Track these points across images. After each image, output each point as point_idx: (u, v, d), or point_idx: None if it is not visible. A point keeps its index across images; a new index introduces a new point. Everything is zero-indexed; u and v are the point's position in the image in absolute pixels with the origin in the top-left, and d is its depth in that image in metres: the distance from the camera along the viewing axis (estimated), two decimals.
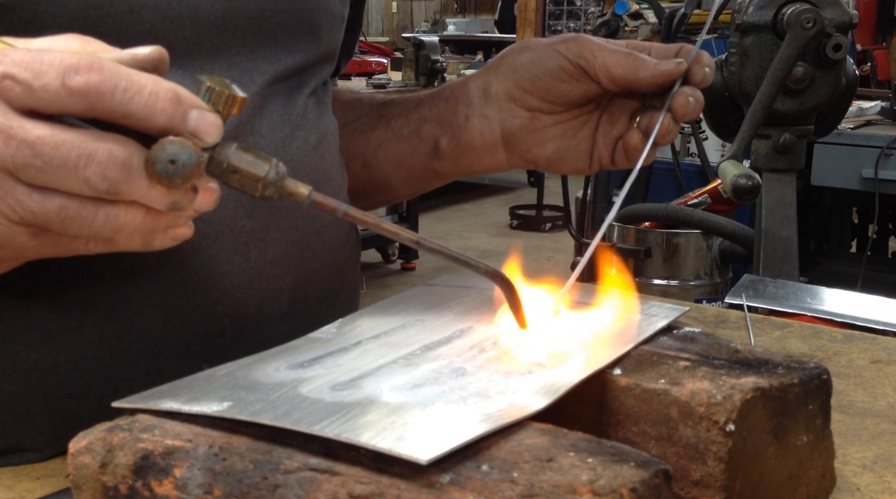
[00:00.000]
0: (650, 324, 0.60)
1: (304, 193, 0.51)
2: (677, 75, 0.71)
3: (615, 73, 0.73)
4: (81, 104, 0.45)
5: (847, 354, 0.85)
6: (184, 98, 0.47)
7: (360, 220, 0.54)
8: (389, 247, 5.21)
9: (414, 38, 5.49)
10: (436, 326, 0.62)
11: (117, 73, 0.46)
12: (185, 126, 0.47)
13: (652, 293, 2.60)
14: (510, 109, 0.80)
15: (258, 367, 0.56)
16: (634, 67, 0.72)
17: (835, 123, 2.03)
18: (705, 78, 0.72)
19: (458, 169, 0.86)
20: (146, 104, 0.46)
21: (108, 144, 0.46)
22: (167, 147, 0.47)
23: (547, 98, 0.78)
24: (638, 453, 0.43)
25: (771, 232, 1.84)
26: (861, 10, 4.50)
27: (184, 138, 0.47)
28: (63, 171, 0.46)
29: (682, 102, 0.71)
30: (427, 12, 10.56)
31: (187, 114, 0.47)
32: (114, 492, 0.48)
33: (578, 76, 0.75)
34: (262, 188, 0.50)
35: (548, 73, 0.76)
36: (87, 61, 0.45)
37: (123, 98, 0.46)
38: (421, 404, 0.48)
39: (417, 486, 0.42)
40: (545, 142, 0.80)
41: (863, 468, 0.62)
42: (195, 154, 0.47)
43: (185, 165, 0.47)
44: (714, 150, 3.41)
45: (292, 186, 0.51)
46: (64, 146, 0.46)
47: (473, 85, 0.82)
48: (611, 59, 0.73)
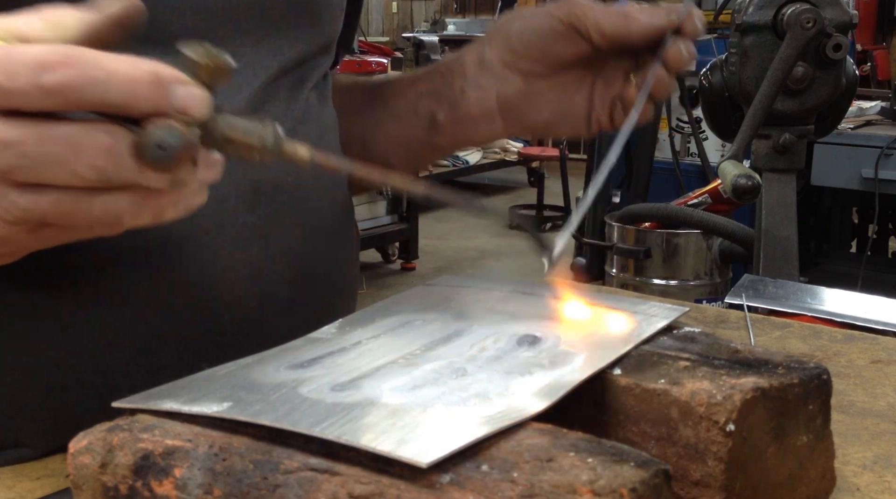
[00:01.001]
0: (650, 324, 0.60)
1: (305, 154, 0.49)
2: (668, 27, 0.72)
3: (606, 29, 0.73)
4: (59, 101, 0.44)
5: (847, 354, 0.85)
6: (165, 78, 0.45)
7: (367, 175, 0.53)
8: (389, 247, 5.21)
9: (414, 38, 5.50)
10: (436, 326, 0.62)
11: (92, 65, 0.44)
12: (170, 106, 0.45)
13: (652, 293, 2.60)
14: (505, 76, 0.80)
15: (258, 367, 0.56)
16: (626, 22, 0.73)
17: (835, 123, 2.03)
18: (696, 29, 0.72)
19: (456, 141, 0.86)
20: (125, 92, 0.44)
21: (93, 133, 0.45)
22: (154, 132, 0.45)
23: (540, 60, 0.78)
24: (638, 453, 0.43)
25: (771, 232, 1.84)
26: (861, 10, 4.50)
27: (171, 120, 0.45)
28: (51, 167, 0.45)
29: (675, 51, 0.71)
30: (427, 12, 10.56)
31: (170, 93, 0.45)
32: (114, 492, 0.48)
33: (570, 35, 0.75)
34: (260, 155, 0.48)
35: (539, 34, 0.77)
36: (59, 57, 0.44)
37: (101, 90, 0.44)
38: (421, 405, 0.48)
39: (417, 486, 0.42)
40: (542, 106, 0.80)
41: (863, 468, 0.62)
42: (183, 136, 0.45)
43: (175, 148, 0.45)
44: (714, 150, 3.41)
45: (291, 148, 0.49)
46: (48, 142, 0.45)
47: (468, 57, 0.82)
48: (602, 16, 0.73)
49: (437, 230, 6.00)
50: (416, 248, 5.19)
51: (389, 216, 5.03)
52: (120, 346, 0.67)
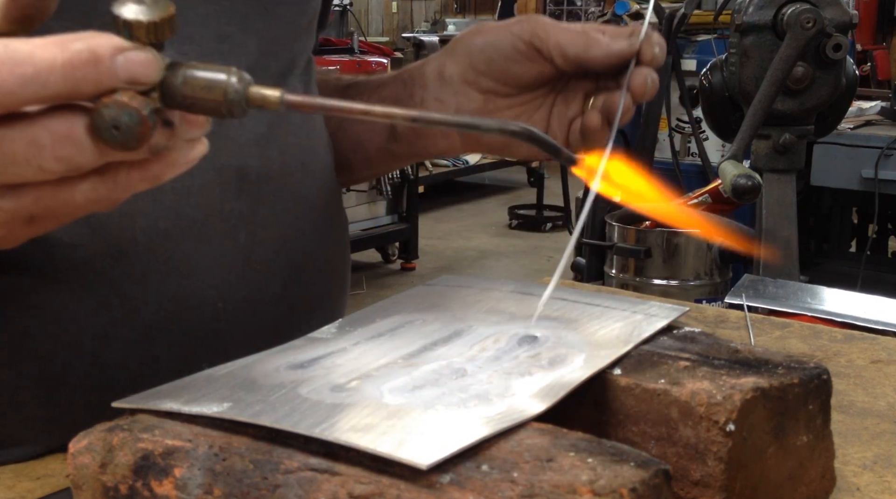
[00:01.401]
0: (650, 324, 0.60)
1: (275, 96, 0.44)
2: (629, 55, 0.71)
3: (568, 52, 0.73)
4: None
5: (847, 354, 0.85)
6: (102, 53, 0.41)
7: (347, 109, 0.46)
8: (389, 247, 5.21)
9: (414, 38, 5.50)
10: (436, 326, 0.62)
11: (19, 62, 0.41)
12: (117, 79, 0.42)
13: (652, 293, 2.60)
14: (465, 92, 0.79)
15: (258, 367, 0.56)
16: (587, 45, 0.72)
17: (835, 123, 2.03)
18: (655, 57, 0.71)
19: (413, 152, 0.86)
20: (63, 81, 0.41)
21: (48, 124, 0.42)
22: (104, 113, 0.41)
23: (501, 79, 0.77)
24: (638, 453, 0.43)
25: (771, 232, 1.84)
26: (861, 10, 4.50)
27: (123, 95, 0.42)
28: (16, 167, 0.43)
29: (640, 82, 0.70)
30: (427, 12, 10.56)
31: (113, 66, 0.41)
32: (114, 492, 0.48)
33: (532, 56, 0.75)
34: (227, 107, 0.43)
35: (502, 53, 0.76)
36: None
37: (36, 86, 0.41)
38: (421, 406, 0.48)
39: (417, 486, 0.42)
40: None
41: (863, 468, 0.62)
42: (137, 112, 0.42)
43: (131, 125, 0.42)
44: (714, 150, 3.41)
45: (258, 95, 0.44)
46: (5, 142, 0.42)
47: (429, 68, 0.82)
48: (564, 38, 0.73)
49: (436, 230, 6.00)
50: (416, 248, 5.19)
51: (389, 216, 5.03)
52: (115, 338, 0.68)
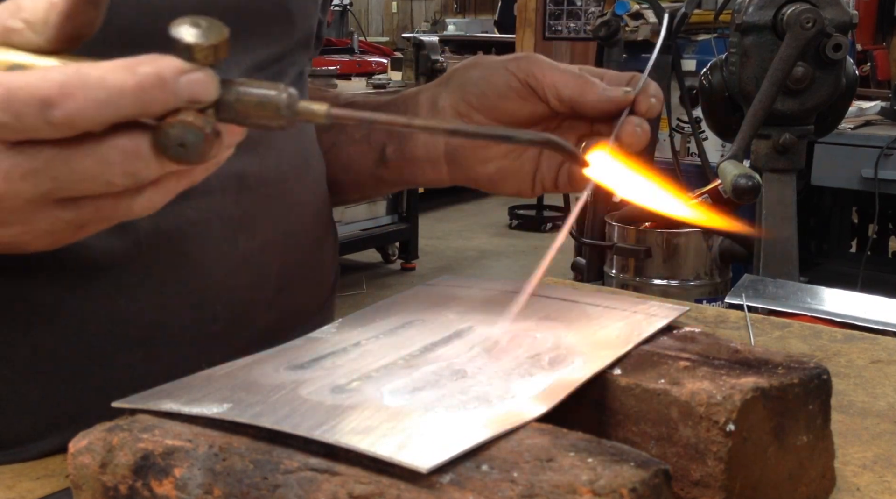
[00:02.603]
0: (650, 324, 0.60)
1: (322, 110, 0.48)
2: (624, 104, 0.71)
3: (563, 93, 0.73)
4: (72, 131, 0.44)
5: (847, 354, 0.85)
6: (168, 76, 0.44)
7: (389, 121, 0.51)
8: (389, 247, 5.21)
9: (414, 38, 5.49)
10: (436, 326, 0.62)
11: (94, 87, 0.43)
12: (180, 100, 0.45)
13: (652, 293, 2.60)
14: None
15: (258, 367, 0.56)
16: (582, 89, 0.72)
17: (835, 123, 2.03)
18: (650, 108, 0.71)
19: (401, 179, 0.86)
20: (134, 103, 0.44)
21: (116, 142, 0.45)
22: (170, 132, 0.45)
23: (493, 116, 0.77)
24: (638, 453, 0.43)
25: (771, 232, 1.84)
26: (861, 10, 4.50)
27: (187, 114, 0.45)
28: (84, 182, 0.46)
29: (630, 131, 0.70)
30: (427, 12, 10.56)
31: (177, 88, 0.44)
32: (114, 492, 0.48)
33: (526, 95, 0.75)
34: (276, 122, 0.47)
35: (496, 90, 0.76)
36: (59, 89, 0.43)
37: (109, 109, 0.44)
38: (421, 408, 0.48)
39: (417, 486, 0.42)
40: (488, 161, 0.79)
41: (863, 468, 0.62)
42: (201, 131, 0.45)
43: (196, 143, 0.45)
44: (714, 150, 3.41)
45: (307, 109, 0.48)
46: (74, 162, 0.45)
47: (423, 96, 0.82)
48: (560, 79, 0.73)
49: (437, 230, 6.00)
50: (416, 248, 5.19)
51: (389, 216, 5.03)
52: (117, 337, 0.68)
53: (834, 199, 3.68)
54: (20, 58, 0.46)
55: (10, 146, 0.45)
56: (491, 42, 8.54)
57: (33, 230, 0.48)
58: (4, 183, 0.45)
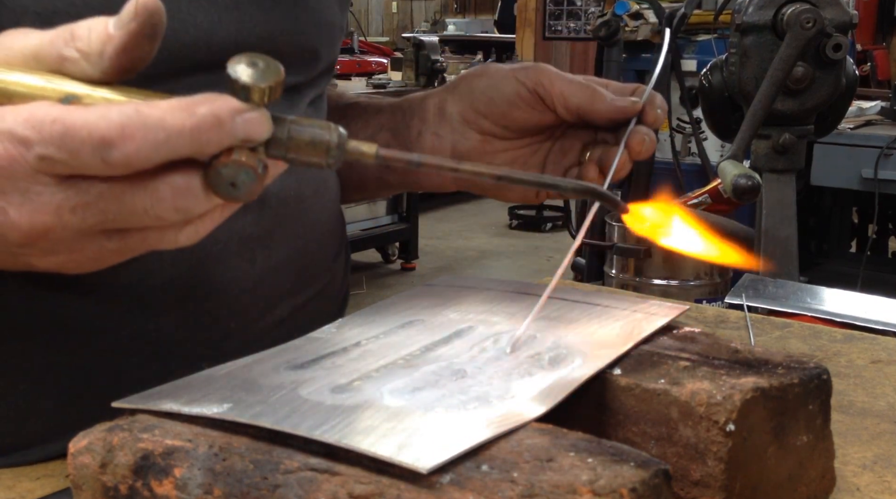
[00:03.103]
0: (650, 323, 0.60)
1: (371, 152, 0.48)
2: (632, 113, 0.72)
3: (571, 103, 0.73)
4: (128, 170, 0.44)
5: (847, 354, 0.85)
6: (224, 117, 0.44)
7: (437, 165, 0.51)
8: (389, 247, 5.21)
9: (414, 38, 5.49)
10: (436, 326, 0.62)
11: (152, 129, 0.43)
12: (235, 140, 0.45)
13: (652, 293, 2.60)
14: (463, 131, 0.80)
15: (258, 367, 0.56)
16: (591, 99, 0.73)
17: (835, 123, 2.03)
18: (657, 119, 0.72)
19: (405, 183, 0.87)
20: (191, 143, 0.44)
21: (168, 178, 0.45)
22: (222, 172, 0.45)
23: (501, 123, 0.78)
24: (638, 453, 0.43)
25: (771, 232, 1.84)
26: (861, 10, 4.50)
27: (237, 156, 0.45)
28: (136, 216, 0.46)
29: (638, 140, 0.71)
30: (427, 12, 10.56)
31: (233, 128, 0.45)
32: (114, 492, 0.48)
33: (534, 104, 0.76)
34: (325, 160, 0.47)
35: (504, 98, 0.77)
36: (118, 130, 0.43)
37: (166, 150, 0.44)
38: (421, 408, 0.48)
39: (417, 486, 0.42)
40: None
41: (863, 468, 0.62)
42: (254, 172, 0.45)
43: (247, 182, 0.45)
44: (714, 150, 3.41)
45: (356, 148, 0.48)
46: (126, 196, 0.45)
47: (431, 102, 0.83)
48: (568, 89, 0.74)
49: (437, 230, 6.00)
50: (416, 248, 5.19)
51: (389, 216, 5.03)
52: (132, 352, 0.68)
53: (834, 199, 3.68)
54: (74, 88, 0.46)
55: (61, 180, 0.45)
56: (491, 42, 8.54)
57: (79, 258, 0.49)
58: (54, 216, 0.46)
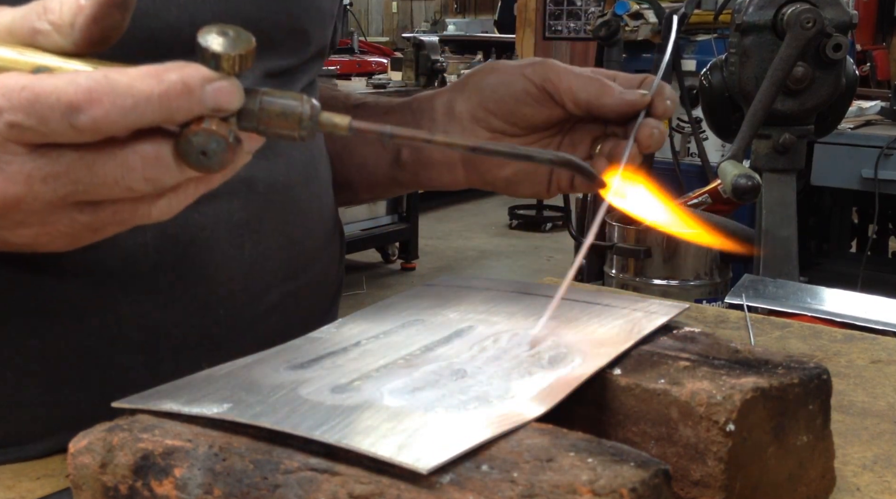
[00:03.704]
0: (650, 321, 0.60)
1: (344, 123, 0.48)
2: (641, 106, 0.72)
3: (580, 97, 0.73)
4: (97, 136, 0.44)
5: (847, 354, 0.85)
6: (193, 85, 0.45)
7: (410, 136, 0.51)
8: (389, 247, 5.21)
9: (414, 38, 5.49)
10: (435, 326, 0.62)
11: (120, 94, 0.44)
12: (205, 108, 0.45)
13: (652, 293, 2.60)
14: (472, 129, 0.80)
15: (258, 367, 0.56)
16: (600, 93, 0.73)
17: (835, 123, 2.03)
18: (666, 110, 0.72)
19: (417, 181, 0.87)
20: (159, 110, 0.44)
21: (138, 148, 0.45)
22: (192, 140, 0.45)
23: (510, 120, 0.78)
24: (638, 453, 0.43)
25: (771, 232, 1.84)
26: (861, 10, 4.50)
27: (210, 123, 0.45)
28: (105, 187, 0.46)
29: (648, 134, 0.71)
30: (427, 12, 10.56)
31: (202, 96, 0.45)
32: (114, 492, 0.48)
33: (543, 100, 0.75)
34: (298, 133, 0.47)
35: (513, 95, 0.77)
36: (86, 94, 0.43)
37: (134, 116, 0.44)
38: (421, 408, 0.48)
39: (417, 486, 0.42)
40: (504, 164, 0.80)
41: (863, 468, 0.62)
42: (223, 140, 0.45)
43: (218, 151, 0.45)
44: (714, 150, 3.41)
45: (329, 120, 0.48)
46: (96, 166, 0.45)
47: (439, 101, 0.83)
48: (576, 83, 0.73)
49: (437, 230, 6.00)
50: (416, 248, 5.19)
51: (389, 216, 5.03)
52: (122, 339, 0.68)
53: (834, 199, 3.68)
54: (46, 60, 0.46)
55: (32, 149, 0.45)
56: (491, 42, 8.54)
57: (51, 232, 0.49)
58: (25, 186, 0.46)
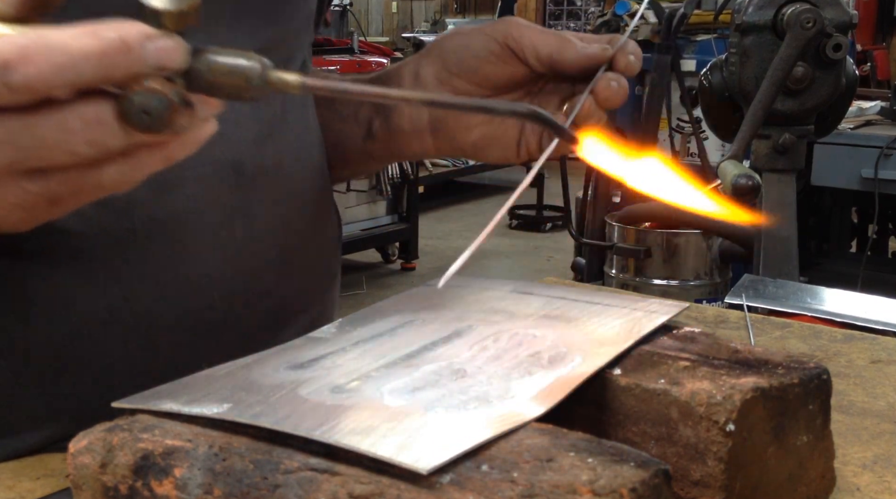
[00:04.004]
0: (650, 320, 0.60)
1: (296, 81, 0.46)
2: (602, 60, 0.71)
3: (542, 52, 0.73)
4: (31, 95, 0.43)
5: (847, 354, 0.85)
6: (132, 42, 0.43)
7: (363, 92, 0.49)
8: (389, 247, 5.21)
9: (414, 38, 5.50)
10: (435, 325, 0.62)
11: (55, 51, 0.42)
12: (146, 66, 0.43)
13: (652, 293, 2.60)
14: (438, 92, 0.79)
15: (258, 367, 0.56)
16: (561, 47, 0.72)
17: (835, 123, 2.03)
18: (629, 65, 0.71)
19: (389, 153, 0.87)
20: (96, 68, 0.42)
21: (78, 110, 0.43)
22: (135, 99, 0.43)
23: (474, 80, 0.77)
24: (638, 453, 0.43)
25: (771, 232, 1.84)
26: (861, 10, 4.50)
27: (152, 82, 0.43)
28: (48, 152, 0.44)
29: (605, 85, 0.70)
30: (427, 12, 10.56)
31: (142, 54, 0.43)
32: (114, 492, 0.48)
33: (505, 57, 0.75)
34: (247, 92, 0.45)
35: (474, 54, 0.76)
36: (18, 52, 0.41)
37: (71, 74, 0.42)
38: (421, 408, 0.48)
39: (417, 486, 0.42)
40: (471, 128, 0.79)
41: (863, 468, 0.62)
42: (166, 98, 0.43)
43: (160, 110, 0.43)
44: (714, 150, 3.41)
45: (279, 79, 0.46)
46: (37, 130, 0.43)
47: (406, 69, 0.83)
48: (538, 39, 0.73)
49: (437, 230, 6.00)
50: (416, 248, 5.19)
51: (389, 216, 5.03)
52: (114, 325, 0.68)
53: (834, 199, 3.68)
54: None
55: None
56: None
57: (3, 204, 0.47)
58: None
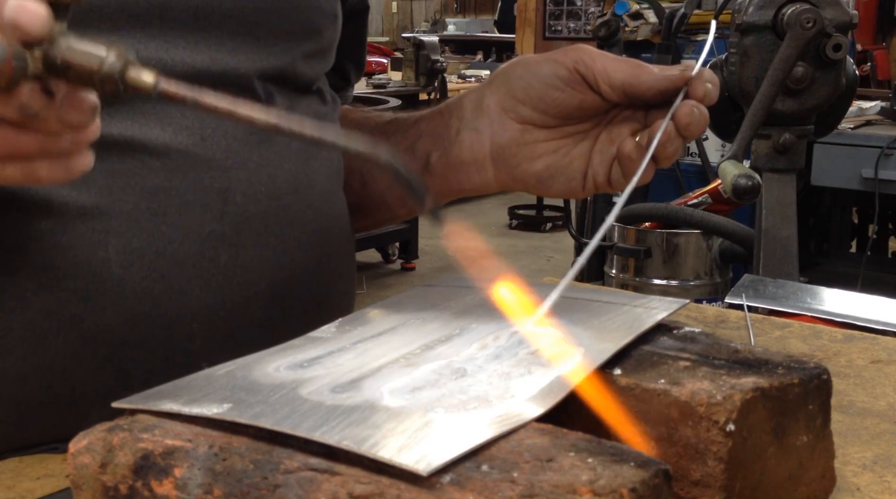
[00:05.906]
0: (650, 316, 0.60)
1: (149, 82, 0.44)
2: (681, 83, 0.69)
3: (615, 79, 0.70)
4: None
5: (847, 354, 0.85)
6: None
7: (214, 105, 0.46)
8: (389, 247, 5.21)
9: (414, 38, 5.49)
10: (436, 324, 0.62)
11: None
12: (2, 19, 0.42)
13: (652, 293, 2.60)
14: (501, 121, 0.77)
15: (258, 366, 0.56)
16: (636, 72, 0.70)
17: (835, 123, 2.03)
18: (707, 93, 0.68)
19: (447, 187, 0.83)
20: None
21: None
22: None
23: (539, 107, 0.74)
24: (638, 453, 0.43)
25: (771, 232, 1.84)
26: (861, 10, 4.50)
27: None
28: None
29: (687, 111, 0.67)
30: (427, 12, 10.56)
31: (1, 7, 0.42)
32: (114, 492, 0.48)
33: (575, 84, 0.72)
34: (102, 82, 0.44)
35: (541, 80, 0.74)
36: None
37: None
38: (421, 408, 0.48)
39: (417, 486, 0.42)
40: (535, 158, 0.76)
41: (863, 468, 0.62)
42: (4, 47, 0.42)
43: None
44: (714, 150, 3.41)
45: (136, 75, 0.44)
46: None
47: (468, 98, 0.81)
48: (611, 65, 0.70)
49: (437, 230, 6.00)
50: (416, 248, 5.19)
51: None
52: (85, 356, 0.66)
53: (834, 199, 3.68)
54: None
55: None
56: (491, 42, 8.55)
57: None
58: None
